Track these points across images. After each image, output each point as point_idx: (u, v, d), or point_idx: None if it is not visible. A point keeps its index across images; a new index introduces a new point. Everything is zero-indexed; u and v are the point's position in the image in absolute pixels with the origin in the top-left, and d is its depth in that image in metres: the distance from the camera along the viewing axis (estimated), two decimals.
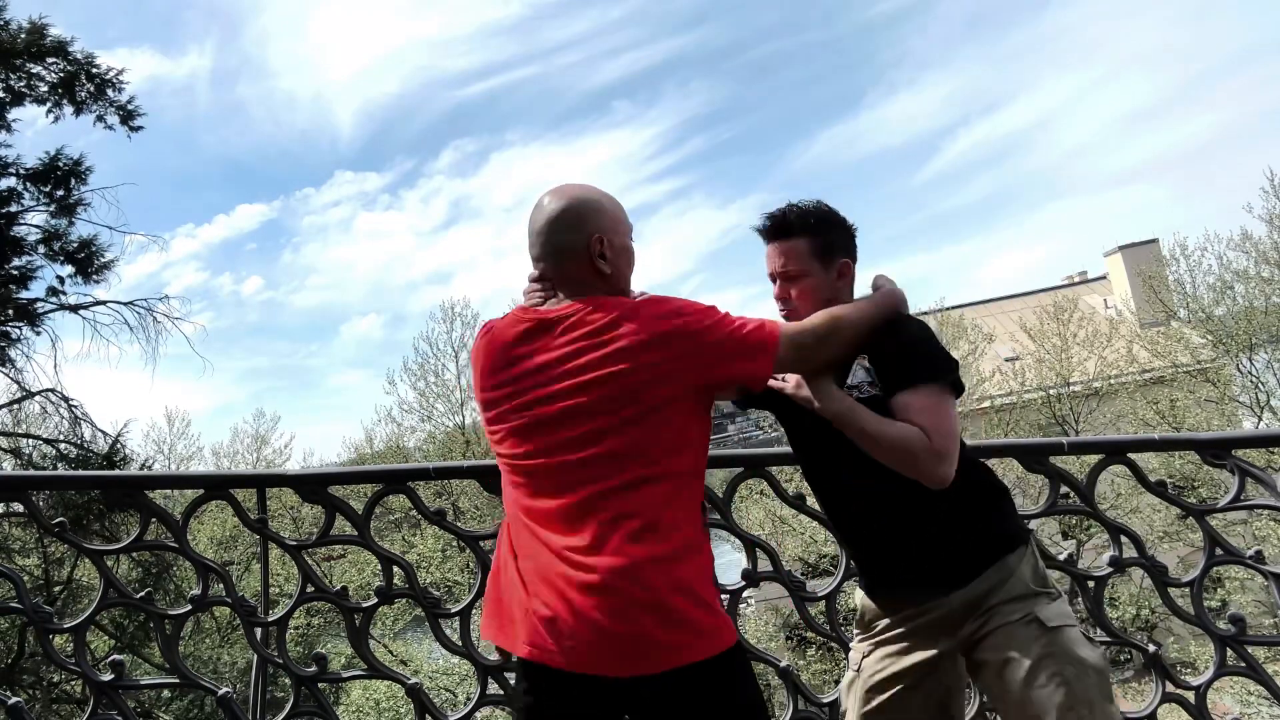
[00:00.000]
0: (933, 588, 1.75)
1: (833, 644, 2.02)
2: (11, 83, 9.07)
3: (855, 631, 1.95)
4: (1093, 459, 2.50)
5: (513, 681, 2.42)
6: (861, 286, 1.92)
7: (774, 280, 1.89)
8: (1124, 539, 2.45)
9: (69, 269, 9.49)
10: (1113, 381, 17.93)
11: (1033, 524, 2.46)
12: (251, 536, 5.09)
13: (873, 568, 1.87)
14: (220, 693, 2.48)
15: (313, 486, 2.46)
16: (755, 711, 1.55)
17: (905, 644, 1.80)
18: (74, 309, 9.50)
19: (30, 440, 9.93)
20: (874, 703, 1.81)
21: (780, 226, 1.85)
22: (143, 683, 2.93)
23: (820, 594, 2.49)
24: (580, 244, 1.66)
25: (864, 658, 1.87)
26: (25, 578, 2.73)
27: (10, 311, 8.99)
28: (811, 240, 1.82)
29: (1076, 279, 25.85)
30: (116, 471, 7.92)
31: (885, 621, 1.84)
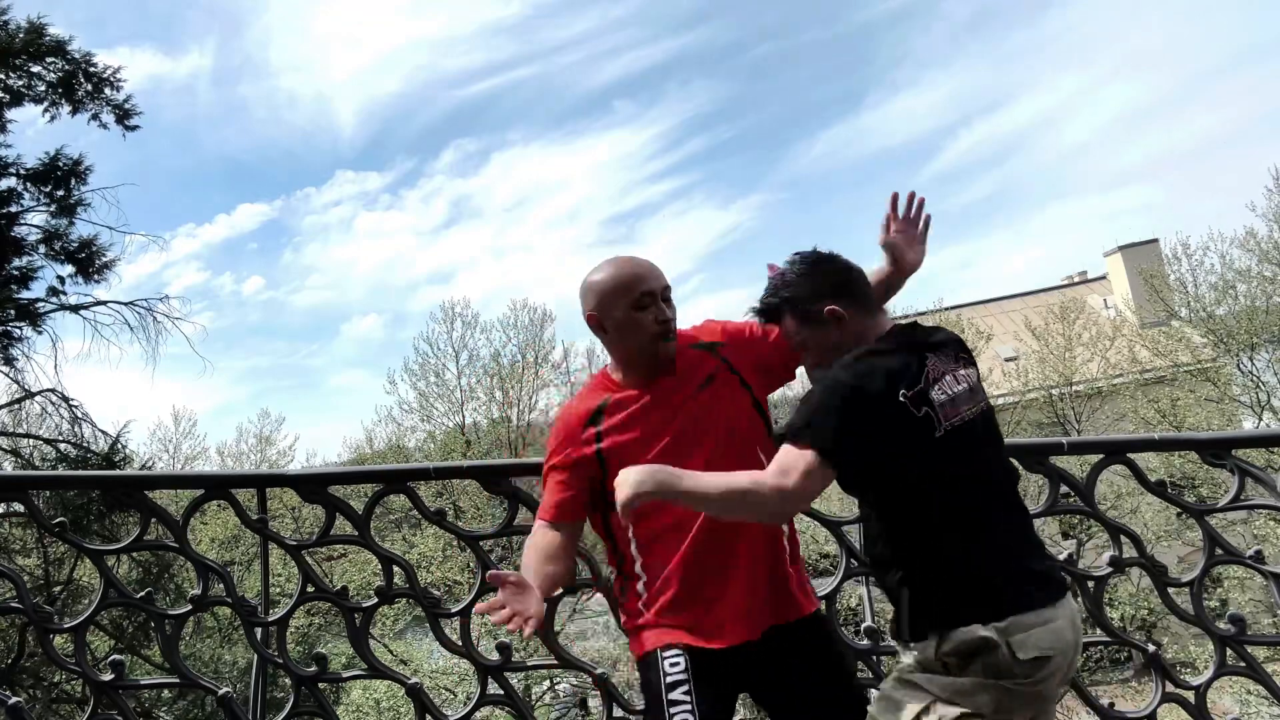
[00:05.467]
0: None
1: None
2: (10, 83, 9.07)
3: None
4: (1093, 459, 2.50)
5: (513, 681, 2.42)
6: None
7: None
8: (1124, 539, 2.45)
9: (69, 269, 9.50)
10: (1113, 381, 17.92)
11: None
12: (252, 536, 5.07)
13: None
14: (220, 693, 2.48)
15: (313, 486, 2.46)
16: None
17: None
18: (74, 309, 9.50)
19: (30, 440, 9.94)
20: None
21: (765, 316, 1.90)
22: (143, 683, 2.93)
23: (820, 594, 2.48)
24: (591, 323, 1.96)
25: None
26: (25, 578, 2.73)
27: (11, 311, 8.99)
28: (792, 313, 1.84)
29: (1076, 279, 25.85)
30: (116, 471, 7.92)
31: None
